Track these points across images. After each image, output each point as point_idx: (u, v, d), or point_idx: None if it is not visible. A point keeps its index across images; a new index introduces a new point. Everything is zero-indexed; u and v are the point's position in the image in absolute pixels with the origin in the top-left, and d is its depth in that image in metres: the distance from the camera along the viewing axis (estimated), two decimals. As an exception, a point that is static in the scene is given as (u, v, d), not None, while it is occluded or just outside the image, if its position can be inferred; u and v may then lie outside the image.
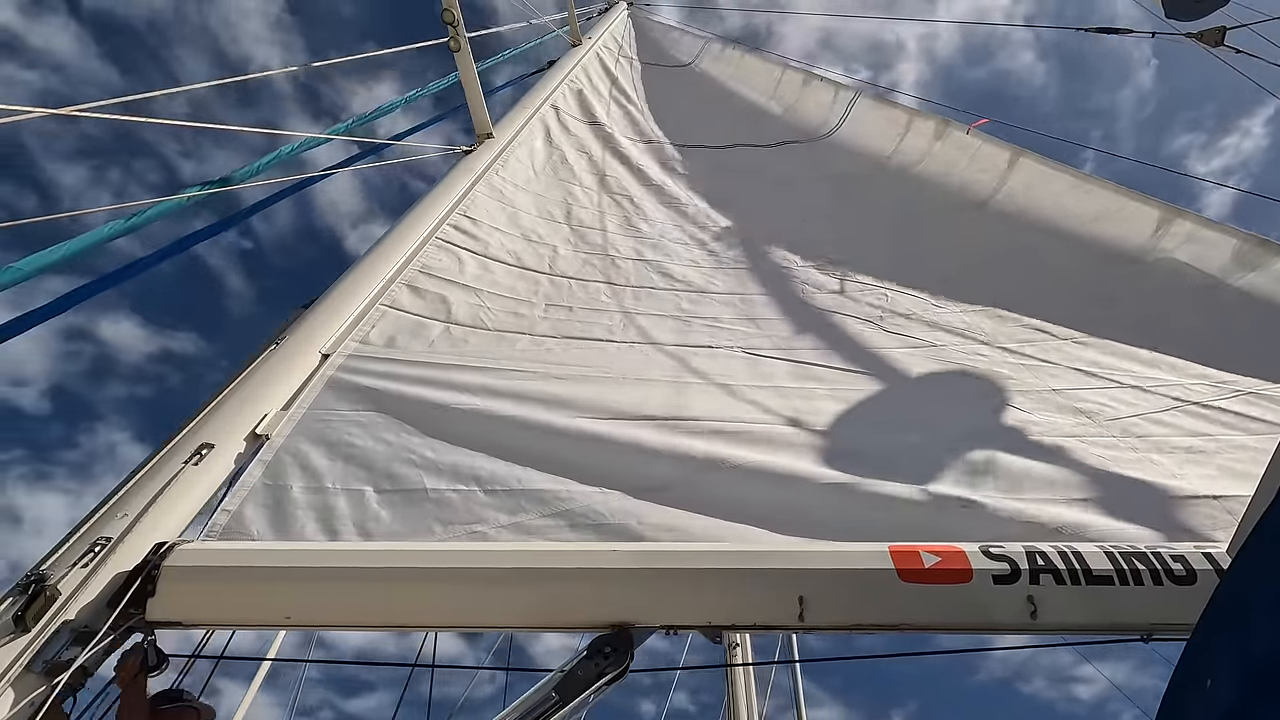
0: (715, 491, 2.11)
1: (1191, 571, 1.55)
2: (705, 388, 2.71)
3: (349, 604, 1.73)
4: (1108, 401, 2.60)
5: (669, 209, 4.75)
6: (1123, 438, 2.37)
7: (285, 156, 3.28)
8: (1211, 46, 4.08)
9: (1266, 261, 3.19)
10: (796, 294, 3.63)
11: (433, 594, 1.72)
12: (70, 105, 2.31)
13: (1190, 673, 0.99)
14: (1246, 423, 2.44)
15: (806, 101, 6.63)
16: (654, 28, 9.87)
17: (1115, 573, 1.55)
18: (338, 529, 1.98)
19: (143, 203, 2.62)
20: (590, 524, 1.98)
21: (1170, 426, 2.44)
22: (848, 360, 2.93)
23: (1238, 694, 0.91)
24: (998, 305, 3.35)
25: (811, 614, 1.57)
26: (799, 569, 1.63)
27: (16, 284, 2.14)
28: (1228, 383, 2.67)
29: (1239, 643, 0.95)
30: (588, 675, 1.53)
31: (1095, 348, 2.97)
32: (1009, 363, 2.91)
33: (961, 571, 1.58)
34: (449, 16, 4.54)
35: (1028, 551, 1.60)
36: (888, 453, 2.28)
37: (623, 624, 1.61)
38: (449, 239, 3.63)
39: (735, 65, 7.93)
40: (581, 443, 2.33)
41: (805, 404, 2.60)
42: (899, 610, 1.56)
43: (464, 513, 2.00)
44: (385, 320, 2.94)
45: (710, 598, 1.63)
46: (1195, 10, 3.76)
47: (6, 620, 1.59)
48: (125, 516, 1.87)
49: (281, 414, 2.36)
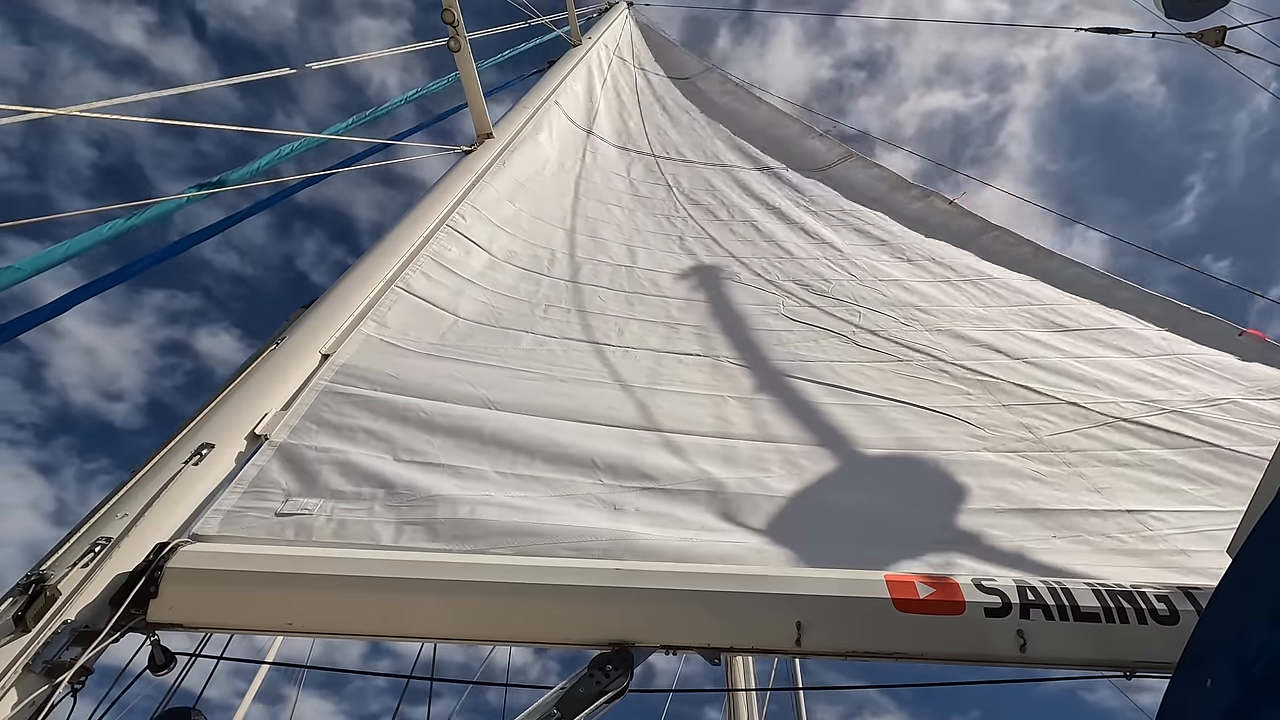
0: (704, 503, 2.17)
1: (1175, 612, 1.61)
2: (689, 397, 2.78)
3: (349, 612, 1.74)
4: (1048, 418, 2.82)
5: (660, 218, 4.81)
6: (1057, 453, 2.58)
7: (285, 156, 3.26)
8: (1212, 46, 4.18)
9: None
10: (775, 308, 3.71)
11: (434, 605, 1.74)
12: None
13: (1190, 673, 1.02)
14: (1169, 437, 2.71)
15: (801, 142, 6.78)
16: (655, 35, 9.88)
17: (1102, 610, 1.61)
18: (337, 531, 1.99)
19: (143, 203, 2.60)
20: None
21: (1100, 441, 2.67)
22: (828, 374, 3.08)
23: (1236, 695, 0.93)
24: (956, 328, 3.58)
25: (809, 639, 1.61)
26: (797, 595, 1.67)
27: (16, 284, 2.12)
28: (1156, 401, 2.95)
29: (1239, 644, 0.97)
30: (589, 693, 1.56)
31: (1042, 367, 3.23)
32: (967, 379, 3.12)
33: (955, 604, 1.63)
34: (449, 16, 4.52)
35: (1019, 586, 1.66)
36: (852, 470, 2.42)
37: (623, 642, 1.64)
38: (447, 241, 3.63)
39: (733, 93, 8.01)
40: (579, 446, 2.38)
41: (783, 419, 2.68)
42: (894, 639, 1.61)
43: (476, 530, 2.02)
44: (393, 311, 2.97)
45: (710, 619, 1.67)
46: (1195, 10, 3.81)
47: (7, 620, 1.59)
48: (125, 516, 1.87)
49: (281, 414, 2.36)
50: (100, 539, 1.80)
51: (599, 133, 6.09)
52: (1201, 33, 4.20)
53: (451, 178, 4.09)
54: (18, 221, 2.05)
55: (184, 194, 2.80)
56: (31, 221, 2.11)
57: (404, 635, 1.80)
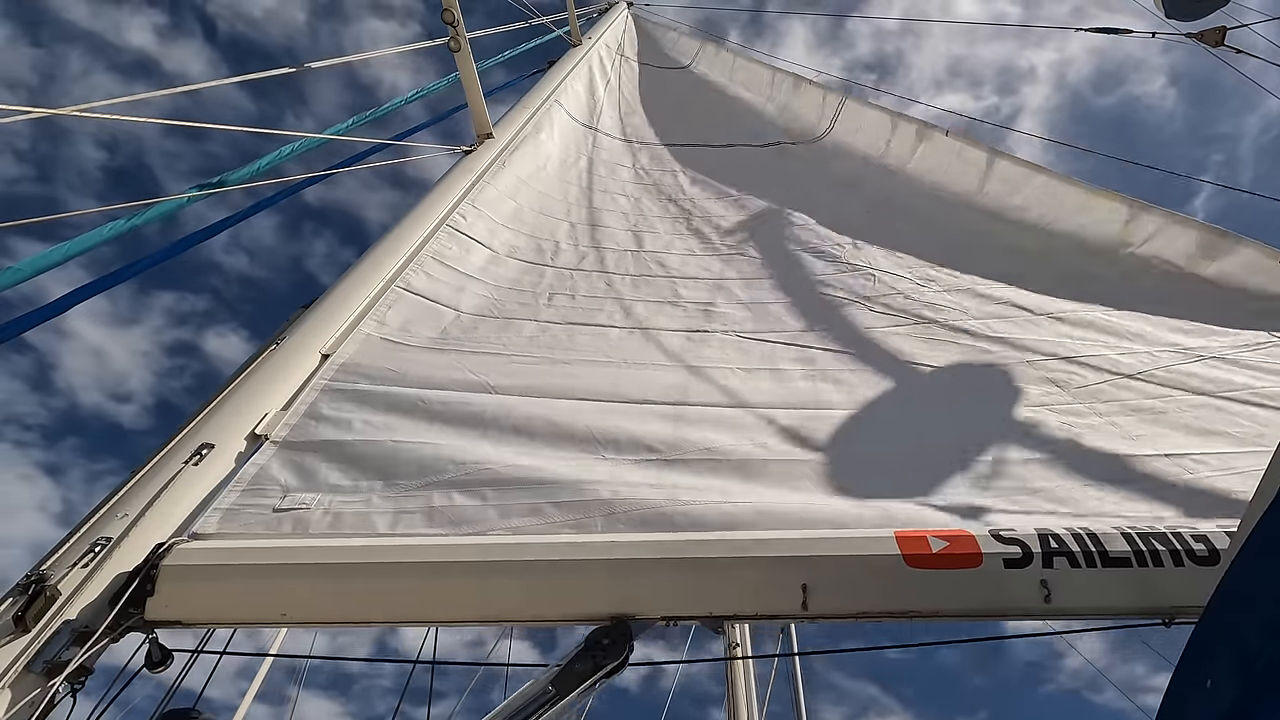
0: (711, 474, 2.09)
1: (1214, 551, 1.47)
2: (703, 371, 2.70)
3: (344, 601, 1.71)
4: (1077, 370, 2.69)
5: (666, 202, 4.75)
6: (1089, 403, 2.46)
7: (285, 156, 3.29)
8: (1211, 46, 4.11)
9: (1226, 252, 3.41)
10: (789, 280, 3.64)
11: (429, 589, 1.69)
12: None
13: (1190, 673, 0.99)
14: (1206, 384, 2.56)
15: (798, 103, 6.68)
16: (654, 29, 9.87)
17: (1133, 554, 1.48)
18: (334, 524, 1.97)
19: (143, 203, 2.63)
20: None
21: (1134, 391, 2.54)
22: (839, 342, 2.98)
23: (1237, 695, 0.91)
24: (977, 286, 3.45)
25: (815, 602, 1.52)
26: (801, 556, 1.58)
27: (16, 284, 2.16)
28: (1191, 349, 2.79)
29: (1238, 643, 0.94)
30: (585, 669, 1.50)
31: (1069, 322, 3.09)
32: (989, 338, 2.99)
33: (971, 556, 1.52)
34: (449, 16, 4.53)
35: (1040, 534, 1.54)
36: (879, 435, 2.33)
37: (621, 616, 1.57)
38: (447, 240, 3.63)
39: (730, 68, 7.94)
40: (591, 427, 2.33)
41: (806, 385, 2.60)
42: (906, 597, 1.50)
43: (473, 513, 1.97)
44: (393, 310, 2.96)
45: (710, 587, 1.59)
46: (1195, 10, 3.77)
47: (7, 620, 1.59)
48: (125, 517, 1.87)
49: (281, 414, 2.36)
50: (100, 539, 1.80)
51: (602, 128, 6.06)
52: (1201, 33, 4.13)
53: (451, 178, 4.09)
54: (18, 221, 2.08)
55: (184, 194, 2.83)
56: (32, 221, 2.15)
57: (400, 620, 1.77)
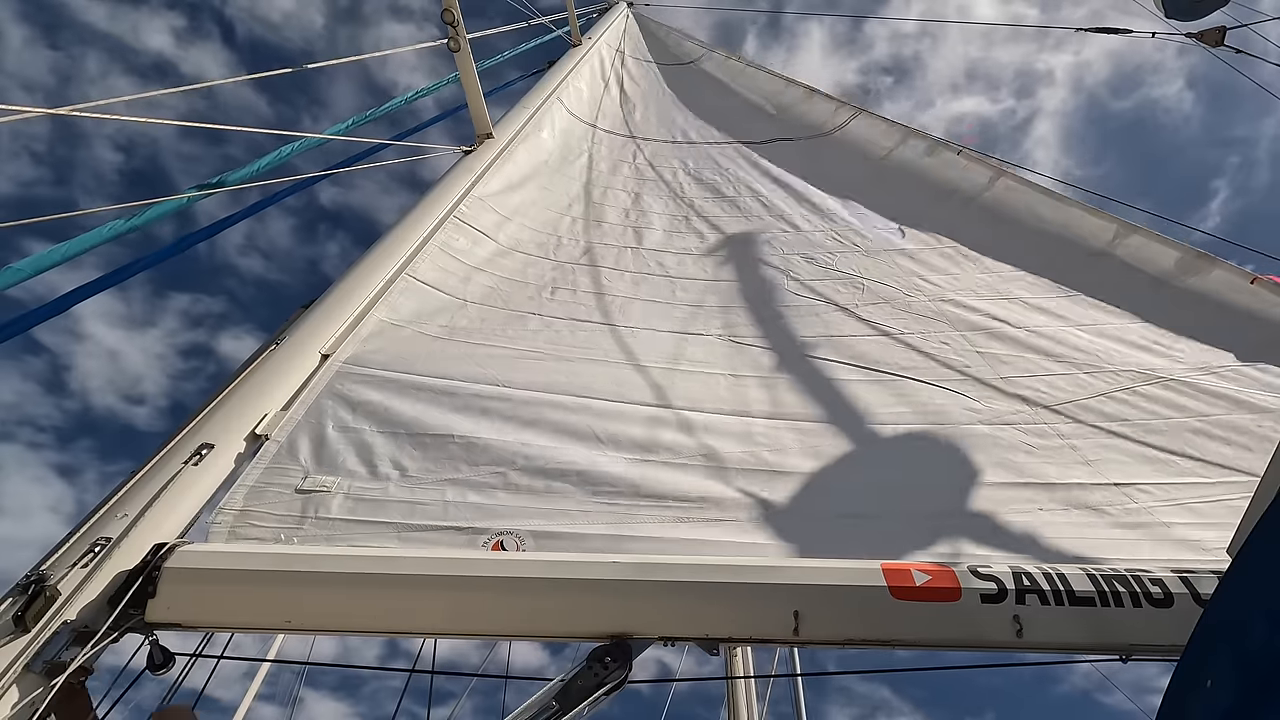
0: None
1: (1169, 595, 1.61)
2: (694, 374, 2.81)
3: (348, 609, 1.74)
4: (1044, 388, 2.81)
5: (665, 199, 4.83)
6: (1051, 425, 2.59)
7: (285, 156, 3.28)
8: (1211, 46, 4.19)
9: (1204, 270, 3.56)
10: (780, 283, 3.74)
11: (432, 600, 1.74)
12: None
13: (1190, 674, 1.02)
14: (1162, 408, 2.69)
15: (805, 107, 6.73)
16: (655, 27, 9.90)
17: (1097, 594, 1.62)
18: (339, 530, 2.00)
19: (143, 203, 2.61)
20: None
21: (1095, 413, 2.66)
22: (817, 348, 3.08)
23: (1237, 695, 0.94)
24: (960, 298, 3.56)
25: (806, 628, 1.61)
26: (794, 584, 1.68)
27: (16, 284, 2.13)
28: (1153, 370, 2.91)
29: (1239, 643, 0.97)
30: (587, 685, 1.57)
31: (1044, 335, 3.21)
32: (965, 351, 3.12)
33: (951, 590, 1.63)
34: (449, 16, 4.53)
35: (1014, 572, 1.66)
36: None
37: (621, 634, 1.64)
38: (447, 239, 3.65)
39: (736, 73, 8.00)
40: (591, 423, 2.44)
41: (789, 395, 2.72)
42: (890, 626, 1.61)
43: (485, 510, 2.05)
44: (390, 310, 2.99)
45: (708, 610, 1.67)
46: (1195, 10, 3.84)
47: (6, 620, 1.59)
48: (125, 517, 1.87)
49: (281, 414, 2.37)
50: (100, 539, 1.80)
51: (602, 125, 6.12)
52: (1201, 33, 4.21)
53: (451, 178, 4.10)
54: (18, 221, 2.06)
55: (184, 194, 2.81)
56: (35, 221, 2.13)
57: (402, 631, 1.81)
